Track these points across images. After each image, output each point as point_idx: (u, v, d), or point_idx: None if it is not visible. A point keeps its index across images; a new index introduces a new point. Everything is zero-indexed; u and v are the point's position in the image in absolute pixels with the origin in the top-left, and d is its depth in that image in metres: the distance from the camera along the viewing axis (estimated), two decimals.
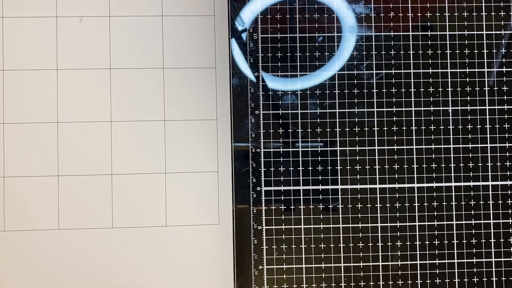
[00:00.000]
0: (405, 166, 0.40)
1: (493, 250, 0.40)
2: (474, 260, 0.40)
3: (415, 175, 0.40)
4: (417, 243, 0.40)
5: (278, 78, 0.40)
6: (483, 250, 0.40)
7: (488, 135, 0.40)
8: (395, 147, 0.40)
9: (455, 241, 0.40)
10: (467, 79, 0.41)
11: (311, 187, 0.40)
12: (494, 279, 0.40)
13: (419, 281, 0.40)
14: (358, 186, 0.40)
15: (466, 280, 0.40)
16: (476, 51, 0.41)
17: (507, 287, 0.40)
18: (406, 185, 0.40)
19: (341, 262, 0.39)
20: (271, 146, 0.40)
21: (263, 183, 0.40)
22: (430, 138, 0.40)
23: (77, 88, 0.40)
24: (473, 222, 0.40)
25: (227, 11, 0.40)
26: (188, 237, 0.40)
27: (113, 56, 0.40)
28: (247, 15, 0.40)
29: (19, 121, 0.39)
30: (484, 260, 0.40)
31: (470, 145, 0.40)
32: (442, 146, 0.40)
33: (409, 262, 0.40)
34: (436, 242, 0.40)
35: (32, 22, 0.40)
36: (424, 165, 0.40)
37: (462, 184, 0.40)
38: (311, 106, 0.40)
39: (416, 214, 0.40)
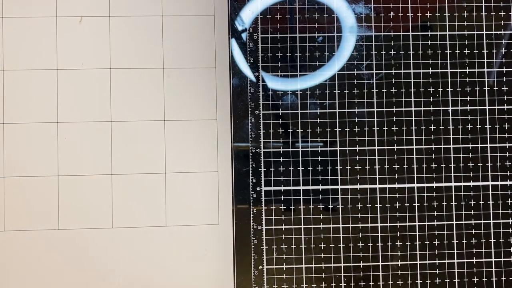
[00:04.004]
0: (405, 166, 0.40)
1: (493, 250, 0.40)
2: (474, 260, 0.40)
3: (415, 175, 0.40)
4: (417, 243, 0.40)
5: (278, 78, 0.40)
6: (483, 250, 0.40)
7: (488, 135, 0.40)
8: (395, 147, 0.40)
9: (455, 241, 0.40)
10: (467, 79, 0.41)
11: (311, 187, 0.40)
12: (494, 279, 0.40)
13: (419, 281, 0.40)
14: (358, 186, 0.40)
15: (466, 280, 0.40)
16: (476, 51, 0.41)
17: (507, 287, 0.40)
18: (406, 185, 0.40)
19: (341, 262, 0.39)
20: (271, 146, 0.40)
21: (263, 183, 0.40)
22: (430, 138, 0.40)
23: (77, 88, 0.40)
24: (473, 222, 0.40)
25: (227, 11, 0.40)
26: (188, 237, 0.40)
27: (113, 56, 0.40)
28: (247, 15, 0.40)
29: (19, 121, 0.39)
30: (484, 260, 0.40)
31: (470, 145, 0.40)
32: (442, 146, 0.40)
33: (409, 262, 0.40)
34: (436, 242, 0.40)
35: (32, 22, 0.40)
36: (424, 165, 0.40)
37: (462, 184, 0.40)
38: (311, 106, 0.40)
39: (416, 214, 0.40)
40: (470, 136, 0.40)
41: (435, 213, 0.40)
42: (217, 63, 0.40)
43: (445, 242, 0.40)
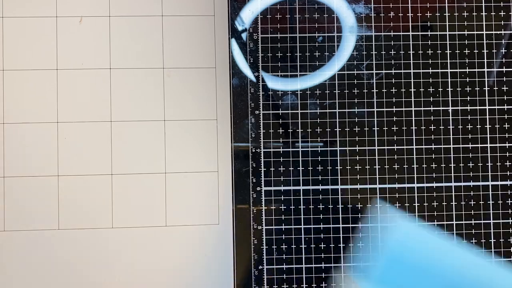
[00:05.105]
0: (405, 166, 0.40)
1: (493, 250, 0.40)
2: None
3: (415, 175, 0.40)
4: None
5: (278, 78, 0.40)
6: (483, 250, 0.40)
7: (488, 135, 0.40)
8: (395, 147, 0.40)
9: (455, 241, 0.40)
10: (467, 79, 0.41)
11: (311, 187, 0.40)
12: None
13: None
14: (358, 186, 0.40)
15: None
16: (476, 51, 0.41)
17: None
18: (406, 185, 0.40)
19: (341, 262, 0.39)
20: (271, 146, 0.40)
21: (263, 183, 0.40)
22: (430, 138, 0.40)
23: (77, 88, 0.40)
24: (473, 222, 0.40)
25: (227, 11, 0.40)
26: (188, 237, 0.40)
27: (113, 56, 0.40)
28: (247, 15, 0.40)
29: (19, 121, 0.39)
30: None
31: (470, 145, 0.40)
32: (442, 146, 0.40)
33: None
34: None
35: (32, 22, 0.40)
36: (424, 165, 0.40)
37: (462, 184, 0.40)
38: (311, 106, 0.40)
39: (416, 214, 0.40)
40: (470, 136, 0.40)
41: (435, 213, 0.40)
42: (217, 63, 0.40)
43: None
